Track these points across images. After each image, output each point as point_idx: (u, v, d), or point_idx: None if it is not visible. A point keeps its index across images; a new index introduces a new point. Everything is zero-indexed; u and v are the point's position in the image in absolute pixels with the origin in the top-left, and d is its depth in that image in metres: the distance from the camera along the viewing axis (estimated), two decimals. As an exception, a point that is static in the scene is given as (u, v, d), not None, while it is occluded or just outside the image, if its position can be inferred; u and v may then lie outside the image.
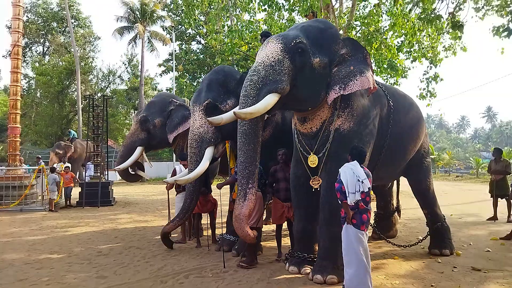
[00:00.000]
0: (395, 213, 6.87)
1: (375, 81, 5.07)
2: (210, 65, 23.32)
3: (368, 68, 4.43)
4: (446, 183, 21.62)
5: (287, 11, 11.87)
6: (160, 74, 28.62)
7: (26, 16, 29.39)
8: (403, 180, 6.51)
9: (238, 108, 4.16)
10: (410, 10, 10.02)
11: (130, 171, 7.84)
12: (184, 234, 6.50)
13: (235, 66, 18.57)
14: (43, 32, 31.47)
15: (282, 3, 11.52)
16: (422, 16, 8.10)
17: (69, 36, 27.96)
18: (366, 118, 4.69)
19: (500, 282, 4.35)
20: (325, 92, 4.45)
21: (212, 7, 13.88)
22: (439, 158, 30.48)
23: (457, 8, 7.33)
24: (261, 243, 5.85)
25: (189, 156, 5.59)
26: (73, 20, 30.12)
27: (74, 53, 25.09)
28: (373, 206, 6.45)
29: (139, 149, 7.38)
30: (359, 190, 3.73)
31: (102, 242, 6.65)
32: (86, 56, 30.54)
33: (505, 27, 6.52)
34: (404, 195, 6.94)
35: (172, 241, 6.05)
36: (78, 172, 17.97)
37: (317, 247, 4.66)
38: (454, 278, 4.48)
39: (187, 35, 27.60)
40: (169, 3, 28.37)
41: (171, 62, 26.02)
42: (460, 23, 7.03)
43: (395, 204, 6.85)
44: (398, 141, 5.30)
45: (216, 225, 6.45)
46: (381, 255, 5.57)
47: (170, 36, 26.71)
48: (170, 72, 26.75)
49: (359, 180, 3.74)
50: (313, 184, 4.62)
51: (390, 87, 6.01)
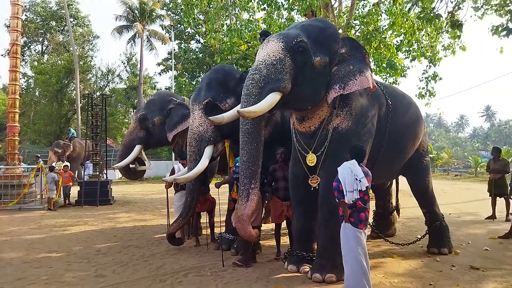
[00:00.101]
0: (394, 212, 6.89)
1: (374, 80, 5.08)
2: (209, 64, 23.30)
3: (367, 68, 4.46)
4: (445, 182, 21.65)
5: (286, 10, 11.85)
6: (159, 73, 28.57)
7: (25, 15, 29.37)
8: (402, 179, 6.53)
9: (240, 107, 4.15)
10: (409, 9, 10.03)
11: (131, 168, 7.83)
12: (183, 233, 6.49)
13: (234, 65, 18.53)
14: (42, 31, 31.41)
15: (282, 2, 11.50)
16: (421, 15, 8.12)
17: (68, 35, 27.92)
18: (365, 117, 4.69)
19: (499, 281, 4.36)
20: (325, 91, 4.46)
21: (211, 6, 13.86)
22: (438, 157, 30.56)
23: (456, 7, 7.34)
24: (260, 242, 5.85)
25: (188, 155, 5.59)
26: (72, 19, 30.06)
27: (73, 52, 25.05)
28: (372, 205, 6.47)
29: (138, 147, 7.38)
30: (357, 189, 3.73)
31: (101, 241, 6.65)
32: (85, 55, 30.50)
33: (504, 27, 6.53)
34: (403, 194, 6.95)
35: (180, 238, 5.97)
36: (77, 171, 17.96)
37: (316, 246, 4.67)
38: (453, 277, 4.50)
39: (186, 34, 27.56)
40: (168, 2, 28.35)
41: (170, 61, 25.98)
42: (459, 22, 7.05)
43: (395, 203, 6.86)
44: (397, 140, 5.31)
45: (215, 224, 6.46)
46: (380, 254, 5.58)
47: (169, 35, 26.70)
48: (169, 71, 26.72)
49: (357, 179, 3.73)
50: (312, 183, 4.63)
51: (389, 86, 6.02)
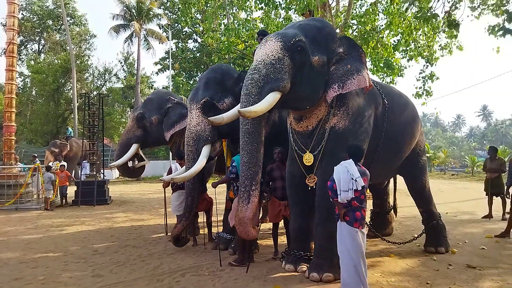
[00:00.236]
0: (391, 211, 6.90)
1: (371, 80, 5.09)
2: (207, 64, 23.30)
3: (364, 67, 4.48)
4: (442, 182, 21.72)
5: (284, 10, 11.85)
6: (157, 73, 28.73)
7: (21, 14, 29.20)
8: (399, 179, 6.54)
9: (240, 107, 4.13)
10: (407, 9, 10.05)
11: (129, 166, 7.82)
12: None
13: (232, 65, 18.53)
14: (39, 30, 31.26)
15: (279, 2, 11.51)
16: (419, 15, 8.14)
17: (65, 34, 27.82)
18: (361, 117, 4.70)
19: (495, 279, 4.38)
20: (323, 91, 4.46)
21: (209, 5, 13.86)
22: (435, 157, 30.63)
23: (453, 7, 7.35)
24: (258, 241, 5.85)
25: (186, 154, 5.58)
26: (69, 18, 29.93)
27: (70, 51, 24.92)
28: (370, 204, 6.48)
29: (135, 146, 7.35)
30: (352, 188, 3.73)
31: (98, 241, 6.63)
32: (82, 54, 30.36)
33: (501, 26, 6.54)
34: (400, 193, 6.97)
35: (186, 237, 5.91)
36: (74, 171, 17.89)
37: (313, 245, 4.68)
38: (450, 276, 4.51)
39: (184, 33, 27.52)
40: (166, 1, 28.29)
41: (168, 61, 25.97)
42: (456, 22, 7.06)
43: (392, 203, 6.88)
44: (393, 140, 5.32)
45: (212, 224, 6.45)
46: (377, 253, 5.60)
47: (167, 34, 26.64)
48: (167, 71, 26.72)
49: (353, 178, 3.74)
50: (309, 183, 4.63)
51: (386, 86, 6.03)
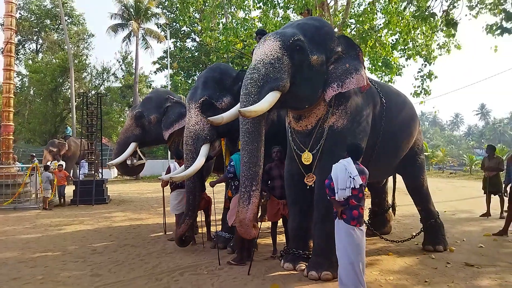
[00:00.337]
0: (390, 210, 6.92)
1: (369, 79, 5.10)
2: (205, 63, 23.27)
3: (361, 66, 4.48)
4: (440, 180, 21.77)
5: (282, 9, 11.86)
6: (155, 72, 28.57)
7: (19, 13, 29.09)
8: (398, 178, 6.55)
9: (240, 107, 4.12)
10: (405, 8, 10.05)
11: (128, 164, 7.81)
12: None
13: (230, 64, 18.51)
14: (36, 30, 31.17)
15: (277, 1, 11.51)
16: (417, 14, 8.15)
17: (63, 34, 27.73)
18: (360, 116, 4.71)
19: (493, 278, 4.40)
20: (322, 90, 4.46)
21: (207, 5, 13.84)
22: (433, 155, 30.71)
23: (451, 6, 7.36)
24: (257, 240, 5.85)
25: (185, 154, 5.57)
26: (67, 18, 29.86)
27: (68, 51, 24.89)
28: (368, 203, 6.49)
29: (133, 145, 7.32)
30: (350, 187, 3.74)
31: (97, 240, 6.63)
32: (80, 54, 30.29)
33: (499, 25, 6.56)
34: (398, 192, 6.98)
35: (188, 236, 5.86)
36: (72, 170, 17.88)
37: (312, 244, 4.69)
38: (448, 274, 4.53)
39: (182, 33, 27.47)
40: (164, 1, 28.22)
41: (166, 60, 25.91)
42: (454, 21, 7.07)
43: (391, 202, 6.88)
44: (391, 139, 5.32)
45: (211, 223, 6.45)
46: (376, 251, 5.61)
47: (165, 34, 26.58)
48: (165, 70, 26.66)
49: (351, 177, 3.74)
50: (308, 182, 4.63)
51: (384, 85, 6.04)
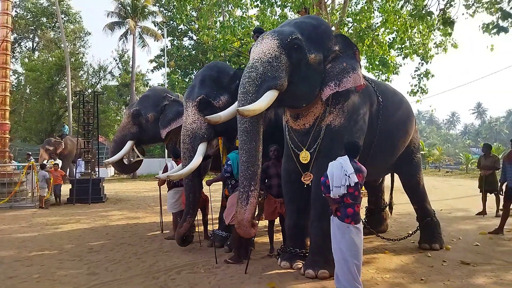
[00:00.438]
0: (386, 208, 6.94)
1: (365, 78, 5.11)
2: (202, 61, 23.19)
3: (358, 65, 4.49)
4: (436, 179, 21.84)
5: (280, 7, 11.84)
6: (152, 70, 28.29)
7: (15, 11, 28.86)
8: (395, 176, 6.56)
9: (237, 105, 4.11)
10: (402, 7, 10.08)
11: (125, 162, 7.80)
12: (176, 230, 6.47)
13: (228, 62, 18.49)
14: (33, 28, 30.94)
15: (275, -1, 11.50)
16: (414, 13, 8.14)
17: (59, 32, 27.54)
18: (357, 114, 4.72)
19: (488, 275, 4.42)
20: (320, 89, 4.46)
21: (204, 3, 13.78)
22: (430, 154, 30.82)
23: (448, 5, 7.36)
24: (254, 239, 5.85)
25: (182, 152, 5.56)
26: (63, 15, 29.65)
27: (64, 49, 24.74)
28: (365, 201, 6.51)
29: (130, 143, 7.30)
30: (345, 184, 3.74)
31: (93, 239, 6.61)
32: (76, 52, 30.10)
33: (495, 24, 6.57)
34: (395, 191, 7.00)
35: (188, 236, 5.87)
36: (69, 169, 17.81)
37: (309, 242, 4.70)
38: (444, 272, 4.55)
39: (179, 31, 27.34)
40: (161, -2, 28.09)
41: (163, 58, 25.78)
42: (451, 20, 7.08)
43: (389, 200, 6.88)
44: (388, 137, 5.34)
45: (208, 221, 6.45)
46: (372, 250, 5.63)
47: (162, 32, 26.46)
48: (162, 68, 26.51)
49: (346, 174, 3.75)
50: (305, 180, 4.64)
51: (380, 84, 6.05)
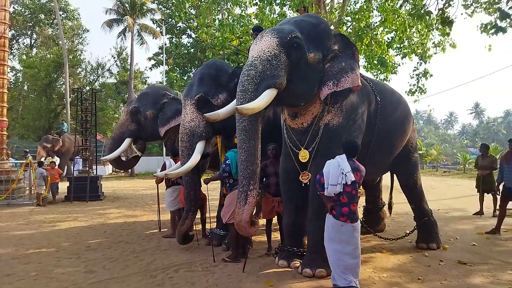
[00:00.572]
0: (384, 208, 6.94)
1: (364, 77, 5.11)
2: (201, 59, 23.15)
3: (356, 65, 4.49)
4: (434, 178, 21.88)
5: (279, 6, 11.83)
6: (150, 68, 28.29)
7: (13, 8, 28.71)
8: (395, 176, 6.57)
9: (236, 104, 4.09)
10: (401, 6, 10.07)
11: (123, 158, 7.78)
12: (174, 229, 6.47)
13: (226, 60, 18.46)
14: (31, 24, 30.83)
15: (274, -3, 11.48)
16: (412, 12, 8.16)
17: (57, 29, 27.49)
18: (355, 114, 4.72)
19: (485, 275, 4.44)
20: (318, 88, 4.46)
21: (203, 1, 13.80)
22: (427, 154, 30.83)
23: (447, 4, 7.37)
24: (251, 237, 5.85)
25: (180, 150, 5.55)
26: (61, 12, 29.54)
27: (62, 46, 24.65)
28: (362, 201, 6.52)
29: (128, 141, 7.26)
30: (341, 183, 3.75)
31: (91, 237, 6.60)
32: (75, 49, 30.05)
33: (493, 24, 6.58)
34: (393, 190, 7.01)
35: (188, 235, 5.81)
36: (66, 167, 17.76)
37: (306, 241, 4.70)
38: (441, 272, 4.56)
39: (178, 29, 27.28)
40: (159, -4, 28.00)
41: (161, 56, 25.74)
42: (450, 20, 7.09)
43: (388, 200, 6.86)
44: (385, 137, 5.34)
45: (206, 220, 6.45)
46: (369, 249, 5.63)
47: (160, 30, 26.41)
48: (160, 66, 26.50)
49: (343, 173, 3.75)
50: (303, 179, 4.63)
51: (378, 83, 6.05)
